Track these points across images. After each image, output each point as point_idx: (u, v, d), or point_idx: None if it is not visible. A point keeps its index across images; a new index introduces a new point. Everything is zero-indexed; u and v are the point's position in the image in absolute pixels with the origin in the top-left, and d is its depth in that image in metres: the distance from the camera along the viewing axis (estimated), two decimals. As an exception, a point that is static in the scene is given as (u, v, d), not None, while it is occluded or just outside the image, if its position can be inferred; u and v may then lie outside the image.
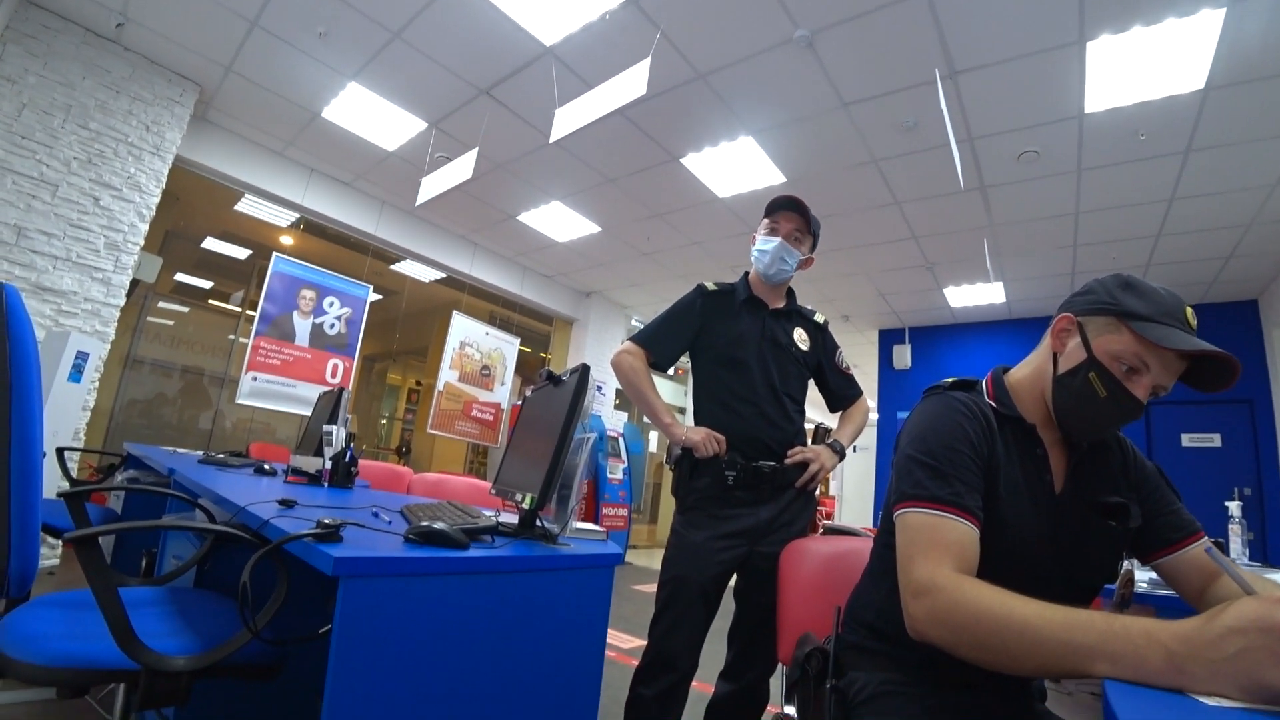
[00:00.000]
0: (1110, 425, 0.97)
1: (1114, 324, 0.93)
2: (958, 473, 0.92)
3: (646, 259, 6.65)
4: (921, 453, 0.95)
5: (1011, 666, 0.72)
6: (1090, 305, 0.98)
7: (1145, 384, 0.92)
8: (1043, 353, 1.05)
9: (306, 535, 0.93)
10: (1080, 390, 0.95)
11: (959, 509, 0.88)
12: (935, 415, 1.00)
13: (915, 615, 0.82)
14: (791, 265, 1.85)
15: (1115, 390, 0.92)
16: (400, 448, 9.41)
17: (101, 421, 5.26)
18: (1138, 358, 0.91)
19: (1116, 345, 0.92)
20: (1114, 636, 0.63)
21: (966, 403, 1.01)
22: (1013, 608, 0.72)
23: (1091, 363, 0.94)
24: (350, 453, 2.17)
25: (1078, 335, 0.98)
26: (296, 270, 5.25)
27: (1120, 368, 0.92)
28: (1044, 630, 0.68)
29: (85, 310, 3.82)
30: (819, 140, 4.11)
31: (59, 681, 0.92)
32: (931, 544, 0.86)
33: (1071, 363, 0.97)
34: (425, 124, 4.48)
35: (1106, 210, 4.56)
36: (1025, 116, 3.61)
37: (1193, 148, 3.69)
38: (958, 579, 0.80)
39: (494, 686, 1.04)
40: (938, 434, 0.97)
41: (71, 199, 3.77)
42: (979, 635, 0.74)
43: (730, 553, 1.69)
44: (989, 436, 0.98)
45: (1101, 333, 0.95)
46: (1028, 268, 5.75)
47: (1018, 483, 0.97)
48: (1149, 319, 0.90)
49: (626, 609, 4.53)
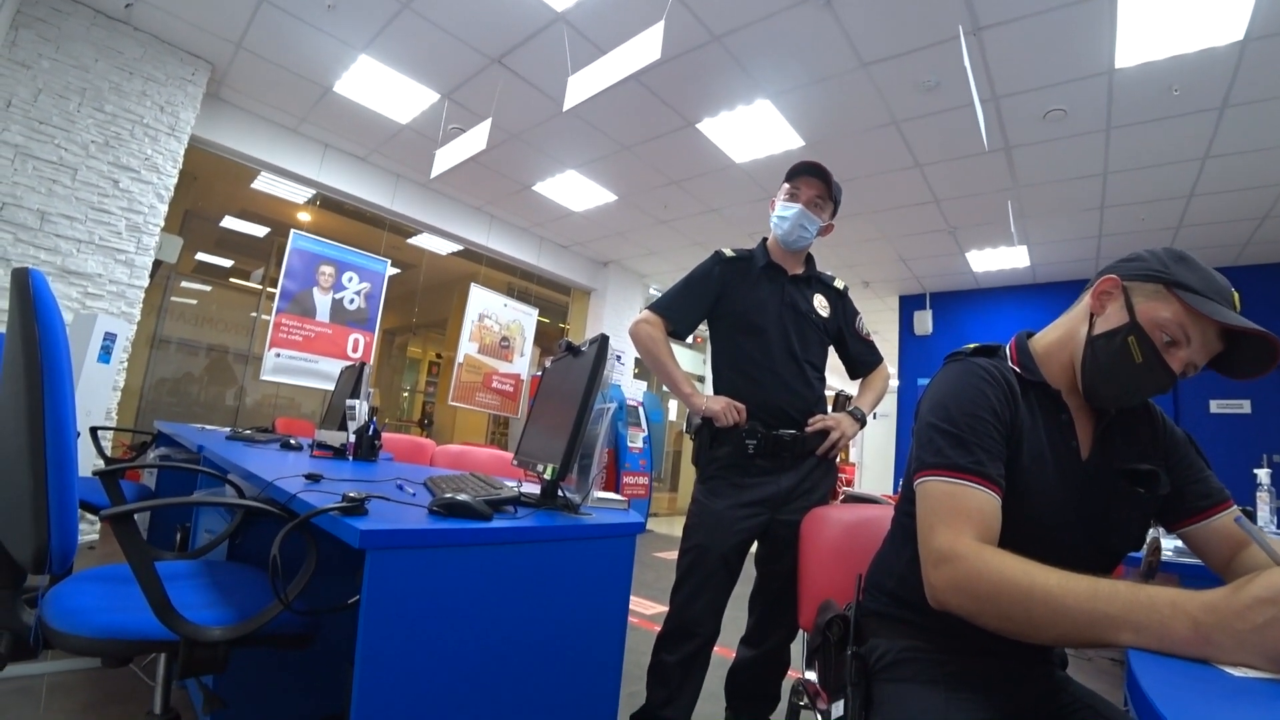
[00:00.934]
0: (1138, 394, 0.95)
1: (1162, 292, 0.91)
2: (979, 440, 0.90)
3: (664, 227, 6.59)
4: (942, 420, 0.94)
5: (1034, 636, 0.71)
6: (1139, 271, 0.94)
7: (1182, 358, 0.90)
8: (1077, 314, 1.02)
9: (333, 509, 0.95)
10: (1116, 353, 0.93)
11: (981, 477, 0.87)
12: (956, 382, 0.99)
13: (936, 584, 0.82)
14: (812, 232, 1.82)
15: (1151, 358, 0.90)
16: (422, 420, 9.54)
17: (132, 401, 5.40)
18: (1181, 329, 0.88)
19: (1164, 313, 0.89)
20: (1139, 606, 0.63)
21: (989, 368, 0.99)
22: (1035, 576, 0.72)
23: (1133, 326, 0.91)
24: (373, 426, 2.20)
25: (1121, 299, 0.95)
26: (315, 246, 5.28)
27: (1161, 337, 0.90)
28: (1067, 599, 0.68)
29: (110, 292, 3.89)
30: (838, 102, 4.01)
31: (103, 652, 0.96)
32: (952, 513, 0.85)
33: (1110, 325, 0.94)
34: (438, 95, 4.44)
35: (1136, 170, 4.41)
36: (1052, 73, 3.47)
37: (1229, 103, 3.53)
38: (979, 548, 0.80)
39: (519, 654, 1.06)
40: (959, 401, 0.95)
41: (91, 182, 3.81)
42: (1001, 604, 0.74)
43: (751, 521, 1.70)
44: (1012, 402, 0.97)
45: (1148, 299, 0.92)
46: (1053, 230, 5.60)
47: (1042, 449, 0.96)
48: (1199, 292, 0.88)
49: (648, 576, 4.60)
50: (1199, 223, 5.09)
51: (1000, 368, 1.01)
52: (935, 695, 0.92)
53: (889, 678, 0.97)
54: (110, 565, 1.23)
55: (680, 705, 1.64)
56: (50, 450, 0.89)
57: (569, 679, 1.14)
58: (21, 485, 0.89)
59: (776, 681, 1.80)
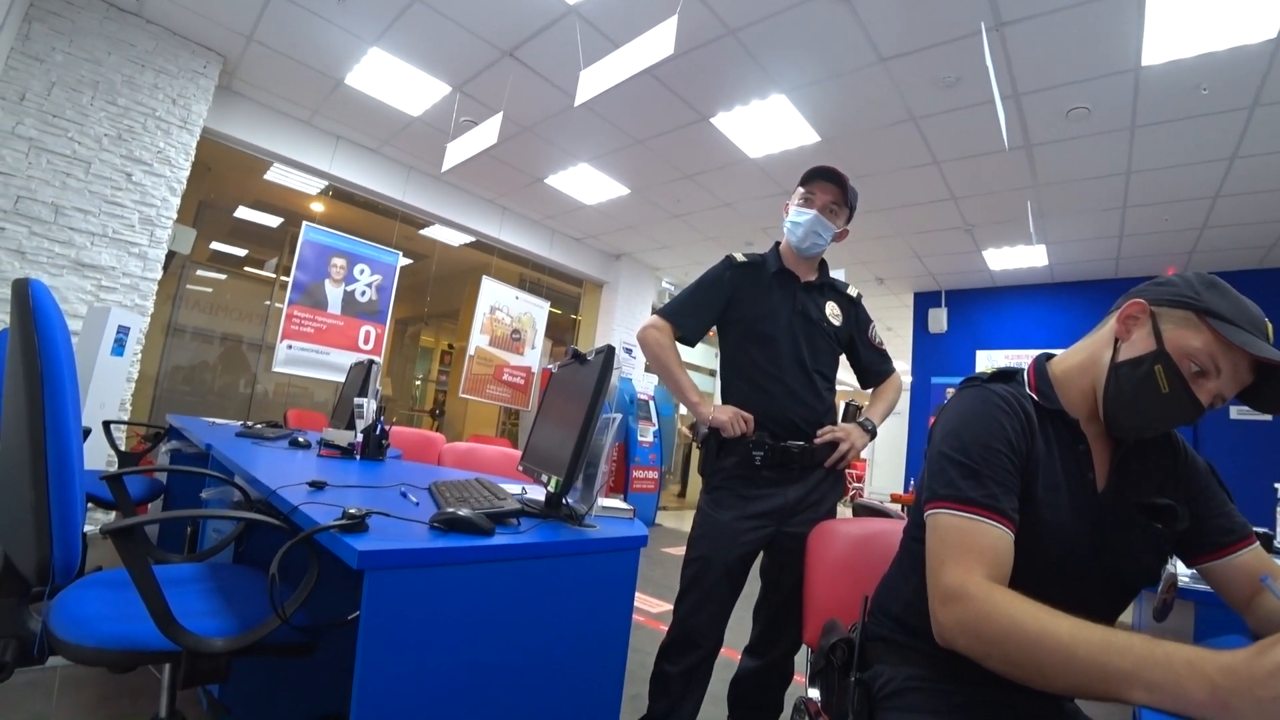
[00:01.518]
0: (1162, 425, 0.92)
1: (1193, 320, 0.87)
2: (993, 473, 0.88)
3: (677, 221, 6.55)
4: (956, 450, 0.91)
5: (1042, 684, 0.69)
6: (1168, 296, 0.90)
7: (1210, 389, 0.86)
8: (1100, 339, 0.99)
9: (333, 526, 0.94)
10: (1141, 382, 0.89)
11: (993, 512, 0.85)
12: (972, 410, 0.96)
13: (943, 623, 0.80)
14: (826, 239, 1.78)
15: (1179, 388, 0.87)
16: (434, 409, 9.59)
17: (147, 388, 5.46)
18: (1211, 359, 0.85)
19: (1193, 342, 0.86)
20: (1154, 664, 0.61)
21: (1005, 397, 0.96)
22: (1046, 623, 0.70)
23: (1160, 355, 0.88)
24: (381, 425, 2.21)
25: (1148, 324, 0.91)
26: (327, 239, 5.29)
27: (1190, 367, 0.86)
28: (1078, 650, 0.66)
29: (124, 285, 3.92)
30: (854, 97, 3.94)
31: (106, 662, 0.97)
32: (963, 548, 0.83)
33: (1136, 351, 0.91)
34: (449, 88, 4.42)
35: (1160, 170, 4.31)
36: (1076, 70, 3.39)
37: (1260, 102, 3.43)
38: (989, 588, 0.77)
39: (520, 669, 1.05)
40: (974, 431, 0.92)
41: (104, 175, 3.83)
42: (1009, 651, 0.72)
43: (757, 533, 1.68)
44: (1028, 433, 0.94)
45: (1178, 326, 0.88)
46: (1073, 230, 5.50)
47: (1057, 480, 0.93)
48: (1232, 321, 0.84)
49: (655, 572, 4.58)
50: (1225, 224, 4.98)
51: (1018, 395, 0.98)
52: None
53: (893, 706, 0.95)
54: (118, 569, 1.23)
55: (681, 715, 1.63)
56: (52, 464, 0.89)
57: (570, 692, 1.14)
58: (24, 498, 0.89)
59: (779, 692, 1.79)
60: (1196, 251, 5.60)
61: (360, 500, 1.29)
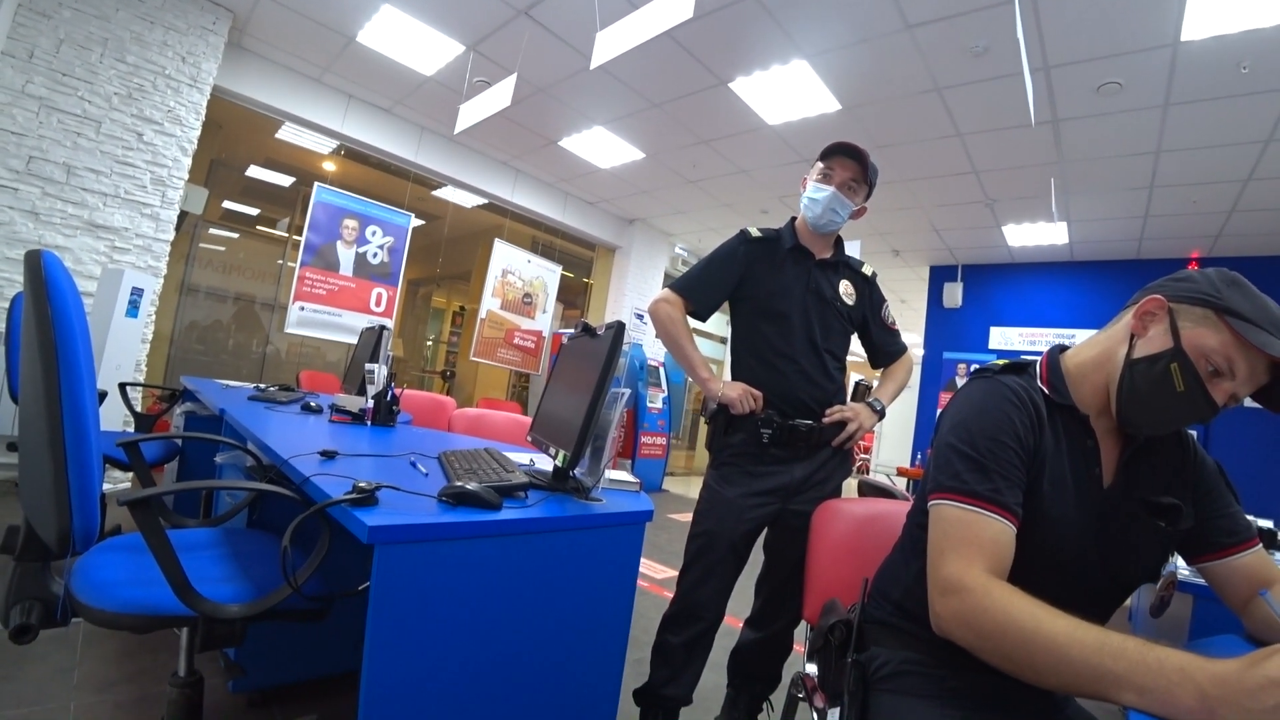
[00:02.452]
0: (1176, 423, 0.91)
1: (1212, 318, 0.86)
2: (999, 467, 0.88)
3: (692, 186, 6.46)
4: (963, 442, 0.91)
5: (1035, 680, 0.71)
6: (1187, 293, 0.89)
7: (1226, 389, 0.85)
8: (1116, 334, 0.97)
9: (344, 500, 0.96)
10: (1157, 380, 0.88)
11: (998, 506, 0.85)
12: (981, 402, 0.95)
13: (940, 614, 0.82)
14: (843, 217, 1.75)
15: (1194, 387, 0.85)
16: (445, 371, 9.65)
17: (162, 348, 5.53)
18: (1228, 360, 0.84)
19: (1211, 341, 0.85)
20: (1146, 669, 0.62)
21: (1016, 389, 0.95)
22: (1041, 621, 0.71)
23: (1177, 353, 0.87)
24: (391, 391, 2.23)
25: (1165, 321, 0.90)
26: (338, 200, 5.27)
27: (1206, 366, 0.85)
28: (1072, 650, 0.67)
29: (137, 246, 3.93)
30: (878, 65, 3.83)
31: (126, 626, 1.00)
32: (964, 541, 0.83)
33: (1152, 349, 0.90)
34: (463, 47, 4.33)
35: (1191, 150, 4.18)
36: (1111, 44, 3.26)
37: (1302, 82, 3.31)
38: (988, 582, 0.78)
39: (524, 639, 1.08)
40: (982, 423, 0.92)
41: (115, 135, 3.81)
42: (1004, 646, 0.73)
43: (762, 510, 1.70)
44: (1037, 426, 0.93)
45: (1196, 325, 0.87)
46: (1096, 209, 5.37)
47: (1064, 475, 0.93)
48: (1252, 321, 0.82)
49: (661, 538, 4.64)
50: (1254, 208, 4.85)
51: (1029, 388, 0.97)
52: (932, 710, 0.92)
53: (887, 688, 0.97)
54: (137, 533, 1.27)
55: (682, 684, 1.68)
56: (69, 436, 0.90)
57: (574, 662, 1.17)
58: (44, 469, 0.91)
59: (778, 664, 1.83)
60: (1222, 235, 5.47)
61: (371, 470, 1.31)
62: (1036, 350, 1.58)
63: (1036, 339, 6.85)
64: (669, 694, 1.67)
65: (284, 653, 1.77)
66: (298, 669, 1.83)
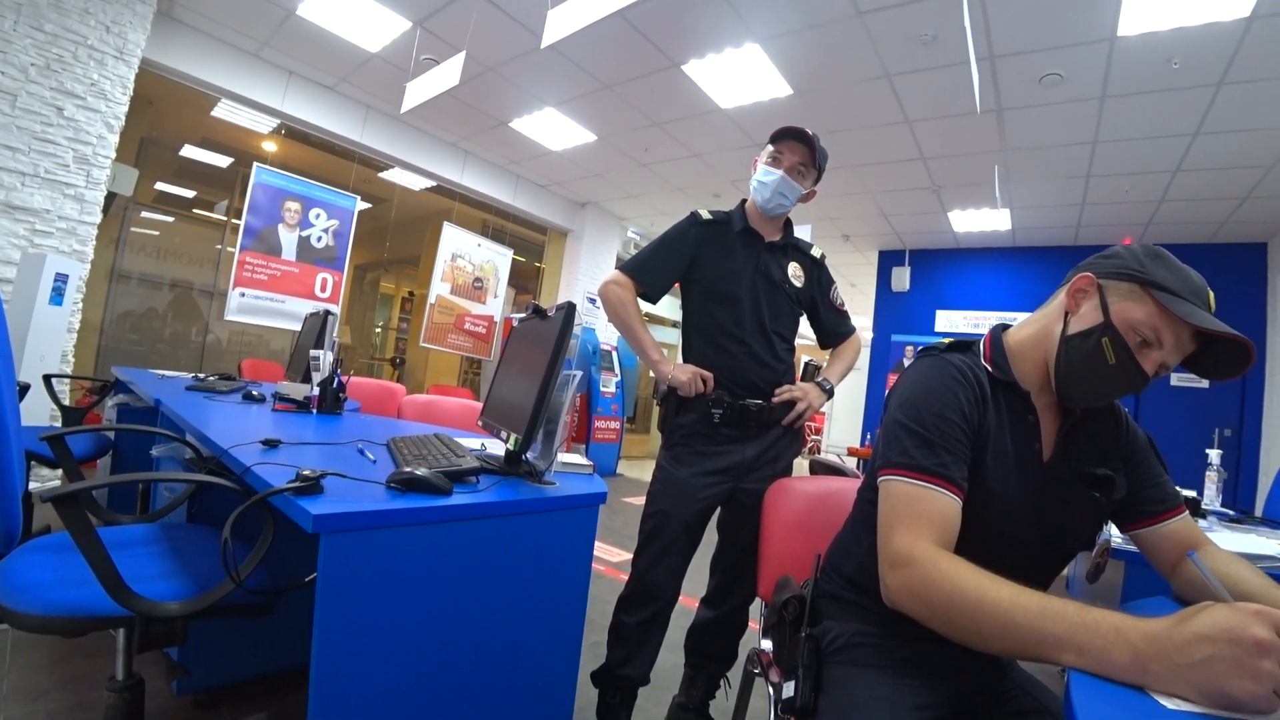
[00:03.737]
0: (1111, 394, 0.96)
1: (1138, 292, 0.90)
2: (945, 443, 0.90)
3: (644, 170, 6.43)
4: (910, 419, 0.94)
5: (981, 646, 0.74)
6: (1114, 269, 0.93)
7: (1155, 359, 0.90)
8: (1051, 312, 1.01)
9: (287, 489, 0.93)
10: (1090, 354, 0.93)
11: (944, 480, 0.88)
12: (928, 380, 0.98)
13: (890, 586, 0.84)
14: (791, 200, 1.77)
15: (1125, 360, 0.90)
16: (395, 358, 9.44)
17: (92, 338, 5.22)
18: (1155, 331, 0.88)
19: (1138, 314, 0.89)
20: (1084, 629, 0.65)
21: (961, 367, 0.99)
22: (986, 590, 0.73)
23: (1107, 327, 0.91)
24: (338, 379, 2.16)
25: (1096, 297, 0.94)
26: (280, 181, 5.06)
27: (1135, 338, 0.90)
28: (1016, 616, 0.70)
29: (60, 229, 3.69)
30: (830, 51, 3.87)
31: (56, 630, 0.95)
32: (912, 515, 0.86)
33: (1085, 325, 0.94)
34: (409, 23, 4.18)
35: (1125, 141, 4.37)
36: (1053, 36, 3.37)
37: (1226, 80, 3.49)
38: (935, 554, 0.81)
39: (479, 627, 1.07)
40: (928, 400, 0.95)
41: (33, 109, 3.54)
42: (951, 614, 0.76)
43: (715, 489, 1.72)
44: (981, 402, 0.97)
45: (1123, 299, 0.91)
46: (1037, 196, 5.58)
47: (1006, 449, 0.97)
48: (1175, 293, 0.87)
49: (615, 521, 4.66)
50: (1182, 198, 5.11)
51: (973, 366, 1.01)
52: (883, 679, 0.95)
53: (840, 660, 1.00)
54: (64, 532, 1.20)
55: (639, 664, 1.69)
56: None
57: (531, 645, 1.17)
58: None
59: (734, 641, 1.86)
60: (1153, 223, 5.75)
61: (316, 459, 1.27)
62: (980, 333, 1.69)
63: (980, 321, 7.10)
64: (627, 674, 1.69)
65: (231, 651, 1.71)
66: (246, 667, 1.77)
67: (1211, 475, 2.00)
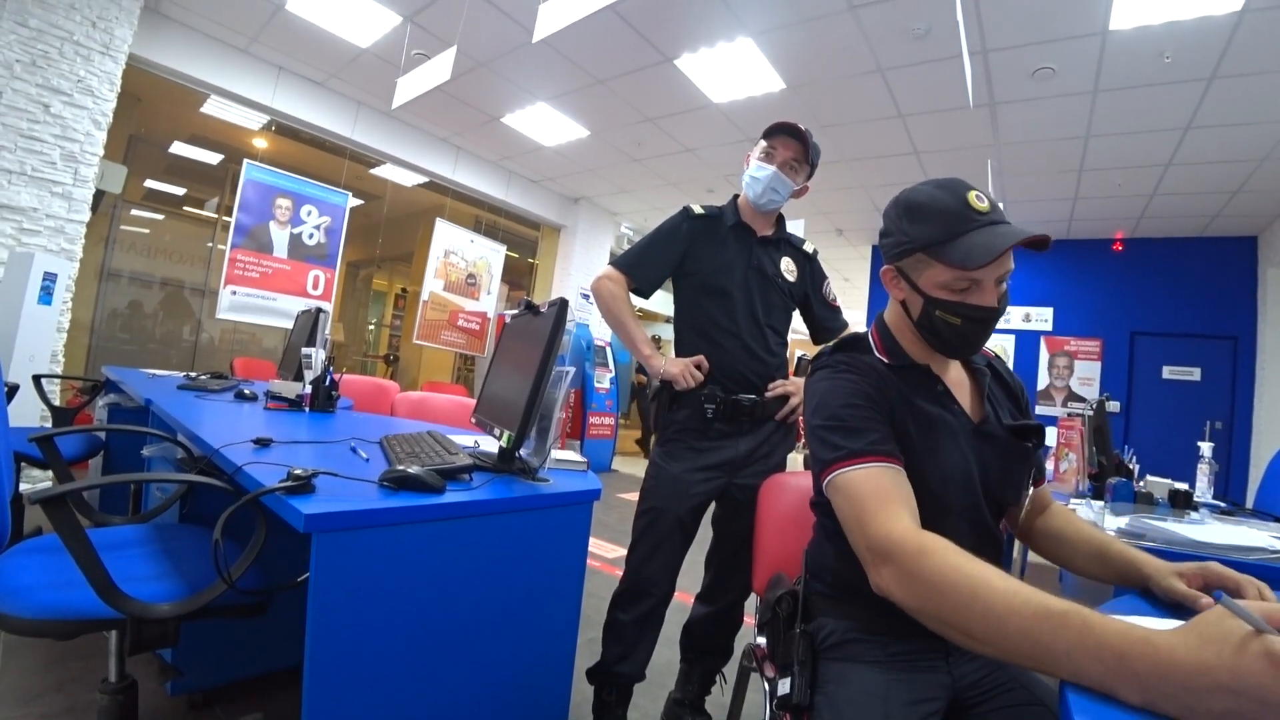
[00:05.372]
0: (981, 340, 0.99)
1: (923, 260, 0.94)
2: (865, 424, 0.92)
3: (637, 165, 6.42)
4: (826, 419, 0.95)
5: (972, 648, 0.69)
6: (894, 249, 0.99)
7: (988, 289, 0.93)
8: (892, 303, 1.06)
9: (278, 489, 0.92)
10: (938, 326, 0.96)
11: (880, 455, 0.89)
12: (826, 382, 1.01)
13: (878, 581, 0.81)
14: (784, 195, 1.77)
15: (966, 313, 0.94)
16: (388, 355, 9.42)
17: (82, 337, 5.19)
18: (965, 279, 0.91)
19: (939, 277, 0.93)
20: (1083, 651, 0.58)
21: (850, 361, 1.03)
22: (978, 586, 0.68)
23: (930, 301, 0.95)
24: (330, 376, 2.16)
25: (904, 281, 0.99)
26: (270, 178, 5.02)
27: (956, 292, 0.93)
28: (1012, 622, 0.64)
29: (48, 228, 3.65)
30: (823, 45, 3.86)
31: (47, 633, 0.94)
32: (872, 497, 0.85)
33: (916, 309, 0.98)
34: (399, 18, 4.16)
35: (1118, 135, 4.39)
36: (1045, 30, 3.38)
37: (1218, 74, 3.50)
38: (918, 537, 0.78)
39: (474, 624, 1.07)
40: (834, 396, 0.97)
41: (18, 106, 3.50)
42: (943, 610, 0.72)
43: (708, 484, 1.71)
44: (883, 387, 0.99)
45: (919, 271, 0.96)
46: (1029, 190, 5.60)
47: (930, 420, 0.99)
48: (944, 241, 0.90)
49: (610, 517, 4.65)
50: (1173, 192, 5.14)
51: (862, 358, 1.04)
52: (878, 675, 0.95)
53: (835, 656, 1.00)
54: (53, 534, 1.19)
55: (634, 661, 1.69)
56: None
57: (526, 643, 1.17)
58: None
59: (730, 637, 1.86)
60: (1145, 217, 5.78)
61: (309, 457, 1.27)
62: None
63: (973, 315, 7.12)
64: (622, 671, 1.69)
65: (225, 651, 1.71)
66: (240, 667, 1.76)
67: (1203, 467, 2.01)
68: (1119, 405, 6.20)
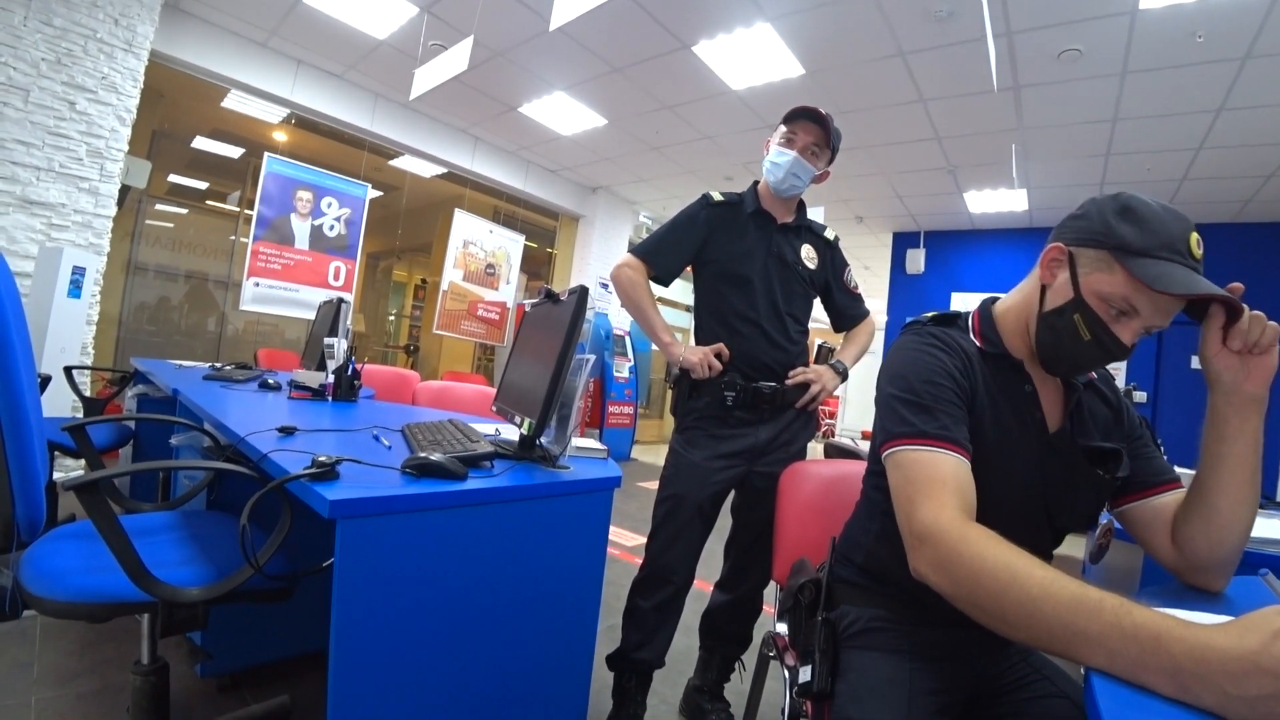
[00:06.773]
0: (1092, 366, 0.95)
1: (1106, 260, 0.85)
2: (942, 406, 0.89)
3: (655, 153, 6.38)
4: (903, 390, 0.92)
5: (1007, 633, 0.68)
6: (1083, 235, 0.89)
7: (1134, 327, 0.86)
8: (1031, 283, 0.99)
9: (303, 475, 0.93)
10: (1065, 330, 0.90)
11: (948, 442, 0.85)
12: (912, 351, 0.97)
13: (916, 564, 0.80)
14: (805, 181, 1.75)
15: (1100, 334, 0.87)
16: (408, 346, 9.50)
17: (110, 330, 5.30)
18: (1126, 301, 0.84)
19: (1106, 286, 0.85)
20: (1118, 632, 0.57)
21: (943, 338, 0.98)
22: (1017, 572, 0.67)
23: (1078, 304, 0.88)
24: (352, 366, 2.18)
25: (1067, 269, 0.90)
26: (291, 170, 5.07)
27: (1109, 310, 0.86)
28: (1046, 606, 0.63)
29: (76, 223, 3.72)
30: (842, 29, 3.80)
31: (81, 615, 0.97)
32: (928, 482, 0.82)
33: (1058, 300, 0.91)
34: (416, 9, 4.16)
35: (1147, 118, 4.27)
36: (1072, 10, 3.28)
37: (1252, 54, 3.38)
38: (962, 526, 0.76)
39: (496, 610, 1.08)
40: (917, 369, 0.93)
41: (45, 104, 3.56)
42: (977, 595, 0.71)
43: (728, 472, 1.71)
44: (970, 372, 0.95)
45: (1092, 269, 0.87)
46: (1055, 175, 5.48)
47: (1006, 420, 0.95)
48: (1146, 254, 0.81)
49: (630, 506, 4.68)
50: (1205, 176, 5.00)
51: (956, 337, 0.99)
52: (901, 664, 0.94)
53: (857, 645, 0.99)
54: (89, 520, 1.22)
55: (654, 648, 1.70)
56: (5, 423, 0.86)
57: (547, 629, 1.17)
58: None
59: (749, 625, 1.86)
60: (1175, 202, 5.57)
61: (332, 445, 1.28)
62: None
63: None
64: (642, 658, 1.70)
65: (252, 635, 1.75)
66: (267, 650, 1.80)
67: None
68: (1146, 395, 6.08)
